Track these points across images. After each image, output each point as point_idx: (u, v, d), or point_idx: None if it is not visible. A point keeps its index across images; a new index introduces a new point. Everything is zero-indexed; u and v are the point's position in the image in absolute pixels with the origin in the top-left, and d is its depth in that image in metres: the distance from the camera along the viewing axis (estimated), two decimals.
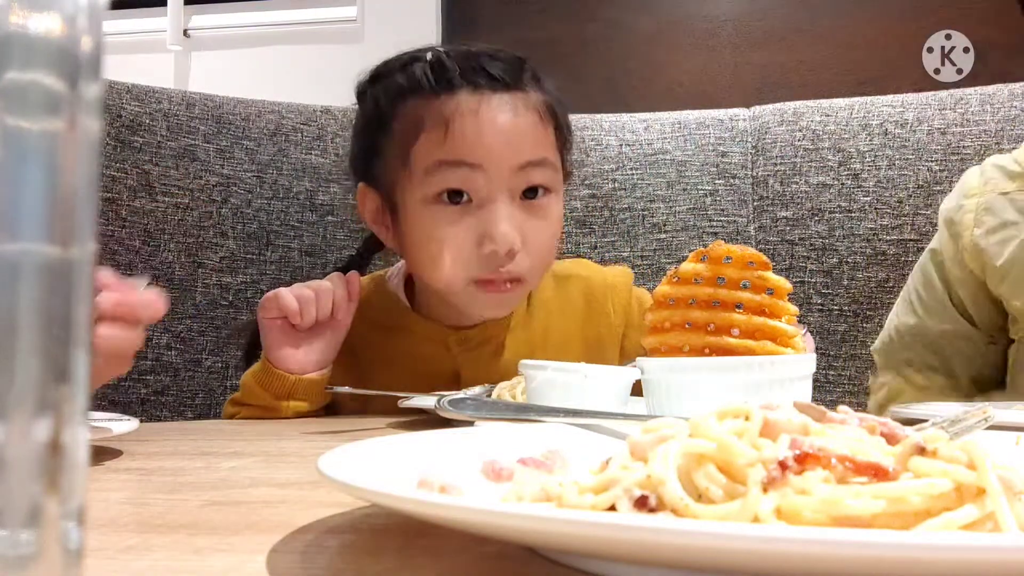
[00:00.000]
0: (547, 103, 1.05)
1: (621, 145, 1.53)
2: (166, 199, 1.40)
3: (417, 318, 1.12)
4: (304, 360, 1.03)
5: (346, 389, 0.93)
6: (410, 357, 1.09)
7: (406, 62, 1.05)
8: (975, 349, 1.17)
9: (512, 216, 0.99)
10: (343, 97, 1.66)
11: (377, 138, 1.06)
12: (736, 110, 1.56)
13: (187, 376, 1.39)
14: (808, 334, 0.87)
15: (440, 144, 0.99)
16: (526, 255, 1.01)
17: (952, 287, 1.17)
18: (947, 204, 1.20)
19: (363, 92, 1.09)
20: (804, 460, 0.30)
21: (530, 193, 1.02)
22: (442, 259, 1.00)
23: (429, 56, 1.03)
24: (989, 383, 1.18)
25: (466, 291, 1.02)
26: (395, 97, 1.04)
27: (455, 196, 1.00)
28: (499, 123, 1.00)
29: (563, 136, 1.08)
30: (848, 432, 0.33)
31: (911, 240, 1.42)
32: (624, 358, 1.12)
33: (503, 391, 0.85)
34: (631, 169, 1.51)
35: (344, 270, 1.14)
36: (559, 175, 1.06)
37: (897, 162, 1.45)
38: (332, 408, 1.09)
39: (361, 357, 1.11)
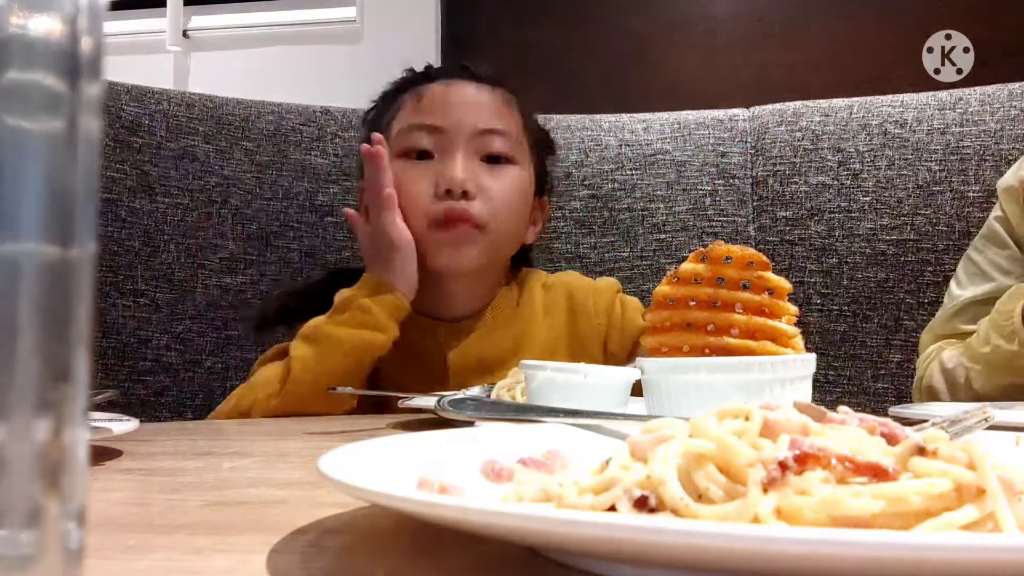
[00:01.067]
0: (518, 102, 1.19)
1: (620, 145, 1.53)
2: (166, 199, 1.40)
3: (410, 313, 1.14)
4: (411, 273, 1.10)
5: (347, 389, 0.93)
6: (398, 350, 1.10)
7: (401, 75, 1.23)
8: None
9: (469, 166, 1.11)
10: (343, 98, 1.66)
11: (372, 132, 1.15)
12: (735, 110, 1.56)
13: (187, 376, 1.39)
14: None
15: (412, 112, 1.15)
16: (484, 202, 1.11)
17: (1022, 244, 1.20)
18: (1005, 179, 1.24)
19: (367, 113, 1.27)
20: (804, 460, 0.30)
21: (492, 160, 1.14)
22: (406, 204, 1.11)
23: (425, 64, 1.23)
24: None
25: (429, 238, 1.10)
26: (388, 97, 1.21)
27: (423, 155, 1.13)
28: (464, 94, 1.15)
29: (533, 133, 1.21)
30: (848, 432, 0.33)
31: (911, 240, 1.42)
32: (608, 358, 1.16)
33: (502, 391, 0.85)
34: (631, 169, 1.51)
35: (341, 273, 1.20)
36: (524, 154, 1.18)
37: (897, 162, 1.45)
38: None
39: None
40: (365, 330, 1.04)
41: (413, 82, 1.19)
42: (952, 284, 1.26)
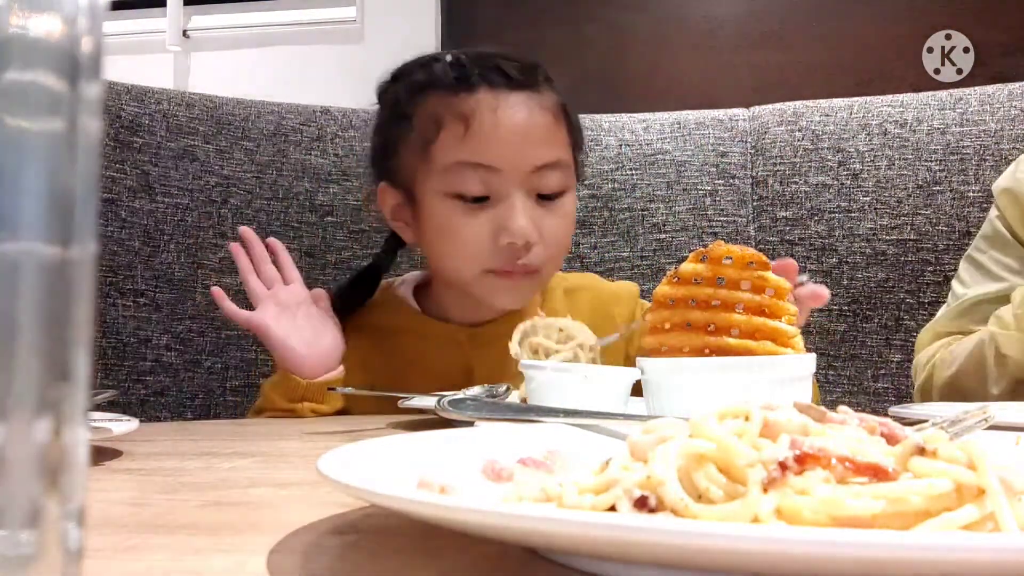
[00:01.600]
0: (560, 103, 1.09)
1: (620, 145, 1.53)
2: (166, 199, 1.40)
3: (427, 320, 1.14)
4: (311, 353, 1.04)
5: (348, 390, 0.94)
6: (423, 358, 1.10)
7: (426, 62, 1.09)
8: None
9: (528, 211, 1.03)
10: (343, 97, 1.66)
11: (397, 134, 1.09)
12: (735, 110, 1.56)
13: (187, 377, 1.39)
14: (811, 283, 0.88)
15: (459, 142, 1.02)
16: (542, 248, 1.04)
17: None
18: (1002, 181, 1.23)
19: (384, 91, 1.13)
20: (804, 460, 0.30)
21: (546, 195, 1.06)
22: (460, 250, 1.04)
23: (448, 57, 1.07)
24: None
25: (482, 281, 1.05)
26: (415, 93, 1.07)
27: (475, 197, 1.03)
28: (516, 123, 1.03)
29: (575, 136, 1.12)
30: (848, 432, 0.33)
31: (911, 240, 1.42)
32: (629, 364, 1.13)
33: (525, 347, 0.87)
34: (631, 169, 1.51)
35: (367, 271, 1.18)
36: (572, 173, 1.10)
37: (897, 162, 1.45)
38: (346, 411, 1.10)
39: (372, 364, 1.12)
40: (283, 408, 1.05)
41: (443, 84, 1.05)
42: (955, 284, 1.25)
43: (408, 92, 1.08)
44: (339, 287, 1.19)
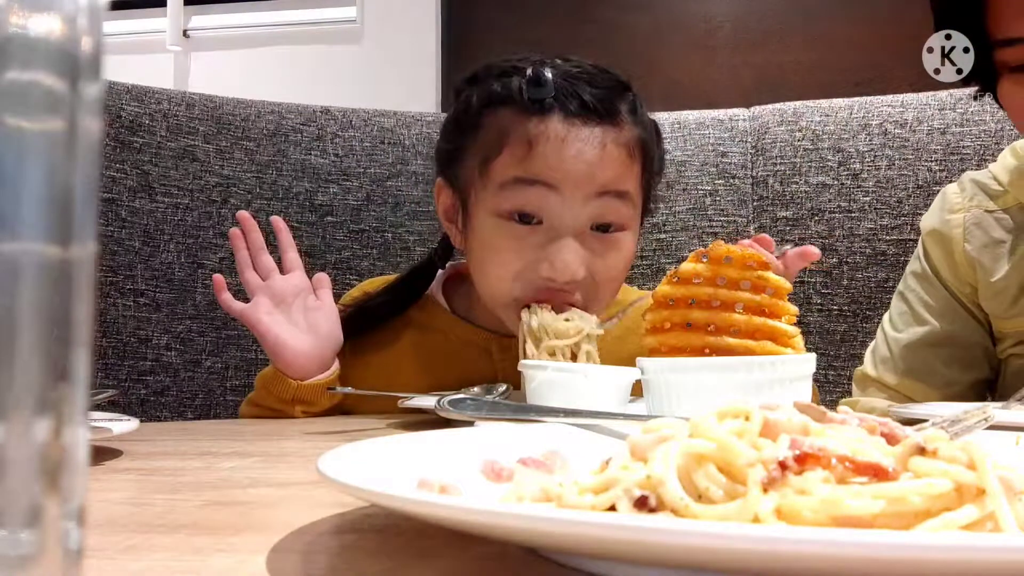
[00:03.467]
0: (640, 139, 1.02)
1: None
2: (166, 199, 1.40)
3: (457, 321, 1.13)
4: (303, 350, 1.02)
5: (348, 390, 0.93)
6: (448, 359, 1.10)
7: (505, 70, 1.02)
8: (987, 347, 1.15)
9: (580, 247, 0.97)
10: (343, 97, 1.66)
11: (462, 139, 1.05)
12: (735, 110, 1.56)
13: (187, 376, 1.39)
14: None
15: (520, 162, 0.97)
16: (587, 288, 0.99)
17: (952, 291, 1.15)
18: (929, 220, 1.18)
19: (459, 91, 1.08)
20: (804, 460, 0.30)
21: (603, 227, 1.00)
22: (499, 271, 0.99)
23: (529, 70, 1.00)
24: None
25: (511, 308, 1.00)
26: (487, 103, 1.02)
27: (526, 218, 0.98)
28: (584, 152, 0.97)
29: (650, 173, 1.06)
30: (848, 432, 0.33)
31: (911, 240, 1.42)
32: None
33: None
34: None
35: (419, 269, 1.16)
36: (637, 212, 1.04)
37: (897, 162, 1.45)
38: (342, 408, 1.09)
39: (390, 355, 1.11)
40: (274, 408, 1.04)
41: (519, 102, 0.99)
42: (886, 321, 1.20)
43: (480, 102, 1.03)
44: (390, 287, 1.15)
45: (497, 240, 0.99)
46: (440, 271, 1.18)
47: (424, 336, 1.12)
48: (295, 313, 1.03)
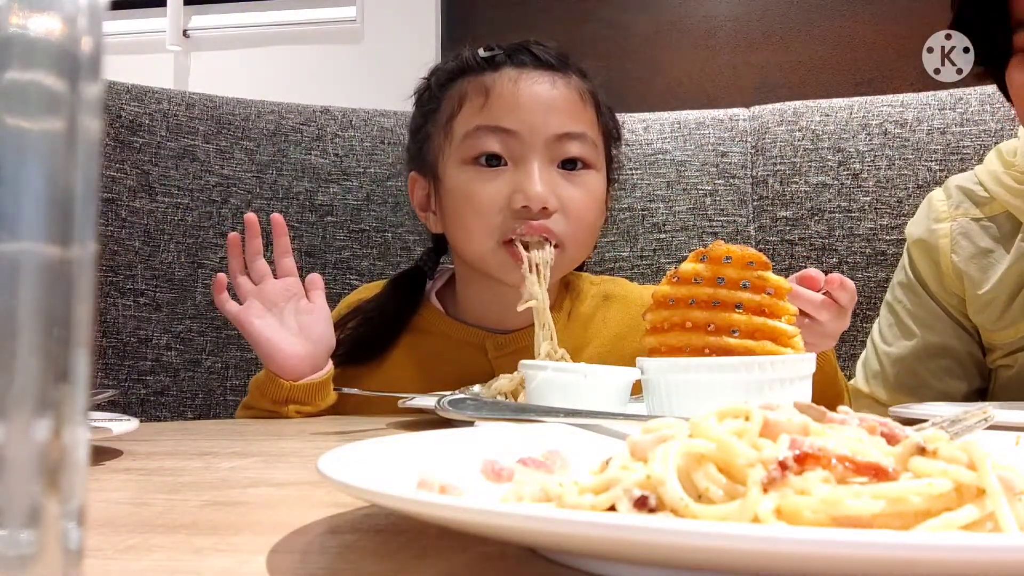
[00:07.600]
0: (590, 89, 1.08)
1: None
2: (166, 199, 1.40)
3: (452, 322, 1.14)
4: (295, 352, 1.02)
5: (353, 391, 0.93)
6: (444, 361, 1.10)
7: (459, 53, 1.11)
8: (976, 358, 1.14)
9: (546, 177, 1.02)
10: (343, 97, 1.66)
11: (426, 123, 1.10)
12: (736, 110, 1.56)
13: (187, 376, 1.39)
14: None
15: (479, 111, 1.04)
16: (562, 218, 1.02)
17: (939, 301, 1.14)
18: (915, 228, 1.16)
19: (421, 87, 1.15)
20: (804, 460, 0.30)
21: (568, 164, 1.05)
22: (476, 217, 1.03)
23: (481, 49, 1.09)
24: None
25: (497, 253, 1.03)
26: (445, 81, 1.10)
27: (492, 160, 1.03)
28: (537, 92, 1.04)
29: (606, 123, 1.11)
30: (848, 432, 0.33)
31: None
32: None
33: (502, 386, 0.86)
34: (631, 169, 1.51)
35: (409, 273, 1.17)
36: (600, 155, 1.08)
37: (897, 162, 1.45)
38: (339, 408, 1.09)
39: (387, 360, 1.12)
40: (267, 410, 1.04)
41: (472, 68, 1.07)
42: (875, 332, 1.20)
43: (438, 82, 1.10)
44: (380, 298, 1.16)
45: (469, 186, 1.04)
46: (430, 281, 1.19)
47: (420, 339, 1.13)
48: (287, 316, 1.04)
